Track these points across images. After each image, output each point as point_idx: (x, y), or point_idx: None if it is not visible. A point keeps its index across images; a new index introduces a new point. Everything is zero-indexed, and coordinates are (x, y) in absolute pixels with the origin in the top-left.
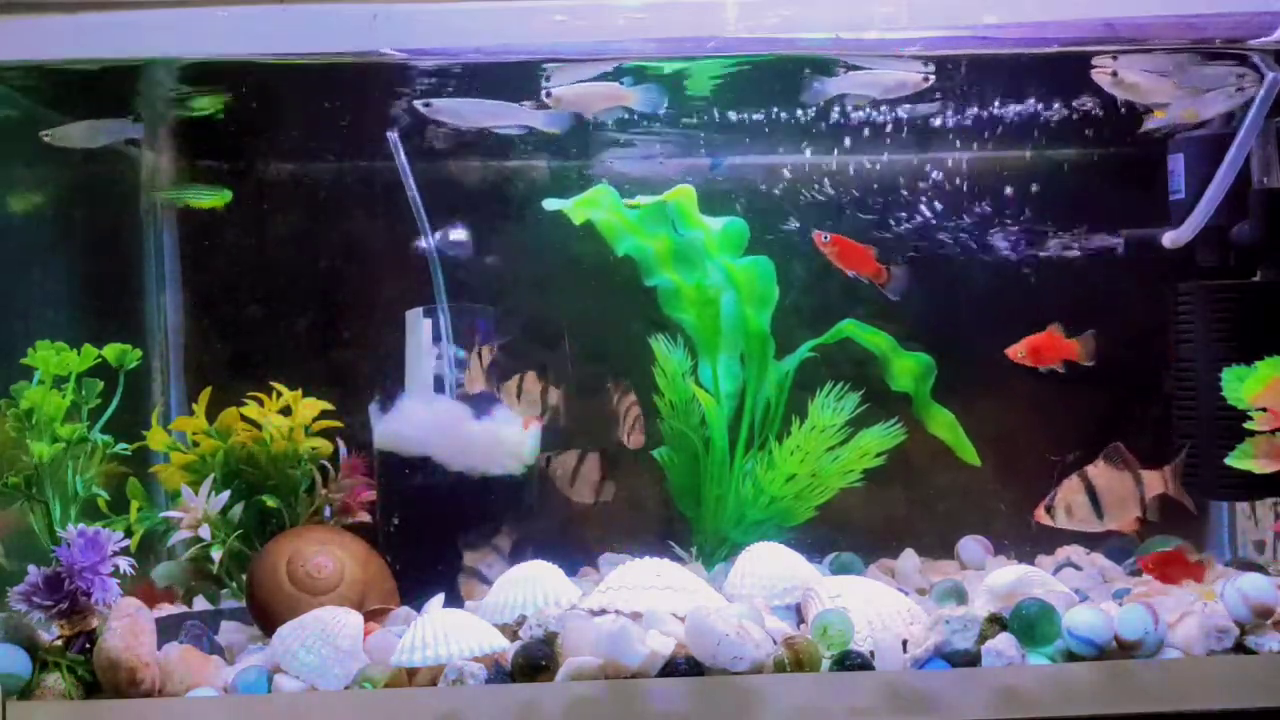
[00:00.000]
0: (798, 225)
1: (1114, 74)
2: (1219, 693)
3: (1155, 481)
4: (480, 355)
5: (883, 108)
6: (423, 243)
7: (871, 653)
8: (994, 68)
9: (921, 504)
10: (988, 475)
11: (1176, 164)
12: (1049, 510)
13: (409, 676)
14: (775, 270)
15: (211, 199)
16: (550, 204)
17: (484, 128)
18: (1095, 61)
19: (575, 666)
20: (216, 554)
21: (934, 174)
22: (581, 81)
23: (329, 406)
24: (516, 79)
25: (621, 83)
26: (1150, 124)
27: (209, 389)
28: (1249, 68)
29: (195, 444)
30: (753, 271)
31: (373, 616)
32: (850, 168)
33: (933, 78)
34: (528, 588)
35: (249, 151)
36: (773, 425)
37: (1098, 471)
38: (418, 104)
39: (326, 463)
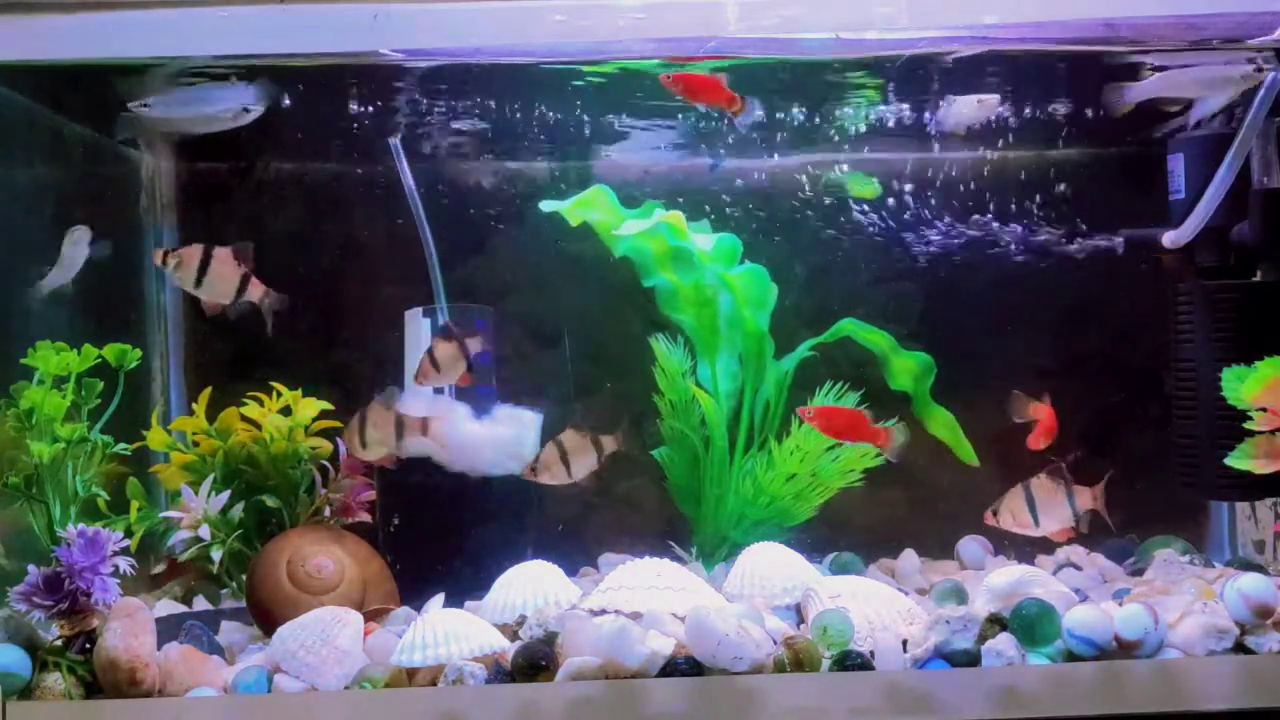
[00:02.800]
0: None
1: (1153, 69)
2: (1219, 693)
3: (1085, 497)
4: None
5: (881, 108)
6: (422, 243)
7: (871, 653)
8: (993, 68)
9: (921, 504)
10: (988, 475)
11: (1176, 164)
12: (995, 513)
13: (409, 676)
14: (770, 277)
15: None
16: (547, 205)
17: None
18: (1147, 60)
19: (575, 666)
20: (216, 554)
21: (933, 174)
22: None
23: (329, 406)
24: None
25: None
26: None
27: (209, 389)
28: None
29: (195, 444)
30: (749, 279)
31: (373, 616)
32: (850, 168)
33: (1267, 68)
34: (528, 588)
35: (249, 152)
36: (772, 425)
37: (1039, 484)
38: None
39: (326, 463)
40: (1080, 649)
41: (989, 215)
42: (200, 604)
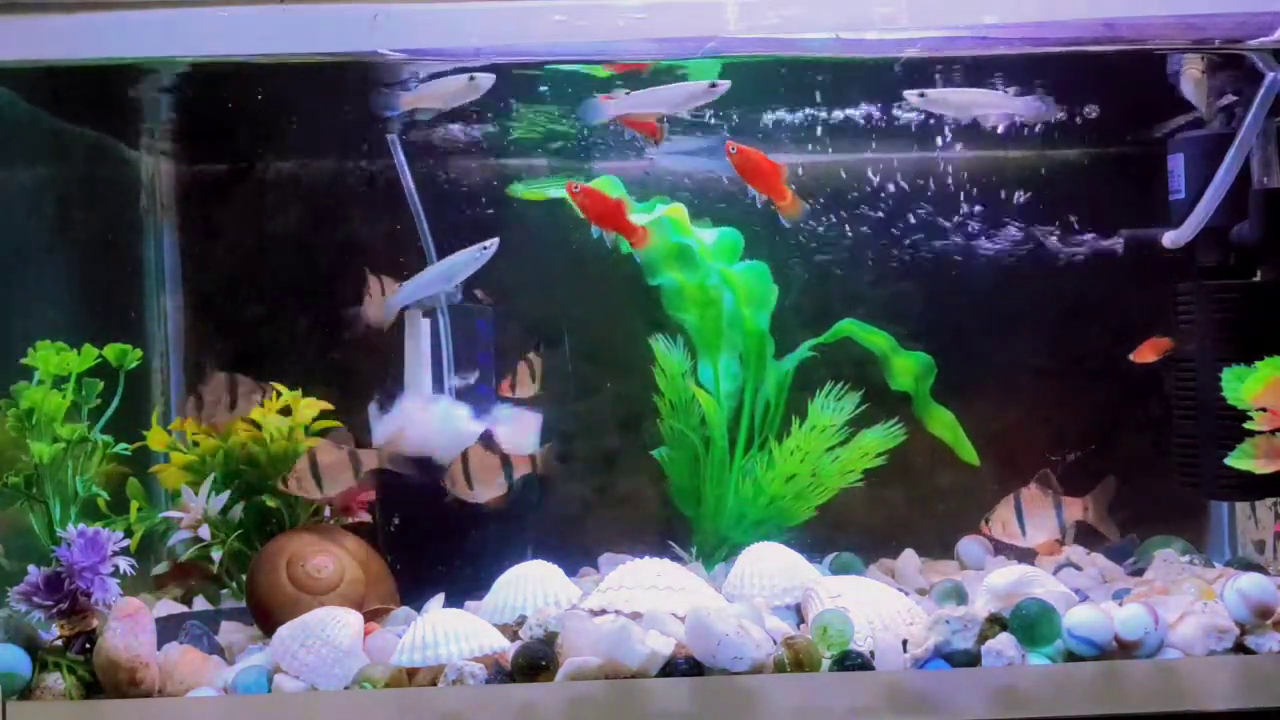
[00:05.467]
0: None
1: (1202, 71)
2: (1219, 693)
3: (1075, 508)
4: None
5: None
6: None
7: (871, 653)
8: (991, 68)
9: (921, 504)
10: (988, 475)
11: (1176, 164)
12: (989, 523)
13: (409, 676)
14: (771, 274)
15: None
16: (515, 190)
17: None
18: (1186, 59)
19: (575, 666)
20: (216, 554)
21: (933, 174)
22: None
23: (329, 406)
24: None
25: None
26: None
27: None
28: (1248, 68)
29: (195, 444)
30: (749, 276)
31: (373, 616)
32: (849, 167)
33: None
34: (528, 588)
35: (249, 152)
36: (772, 425)
37: (1028, 494)
38: (911, 94)
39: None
40: (1080, 649)
41: (988, 215)
42: (200, 604)
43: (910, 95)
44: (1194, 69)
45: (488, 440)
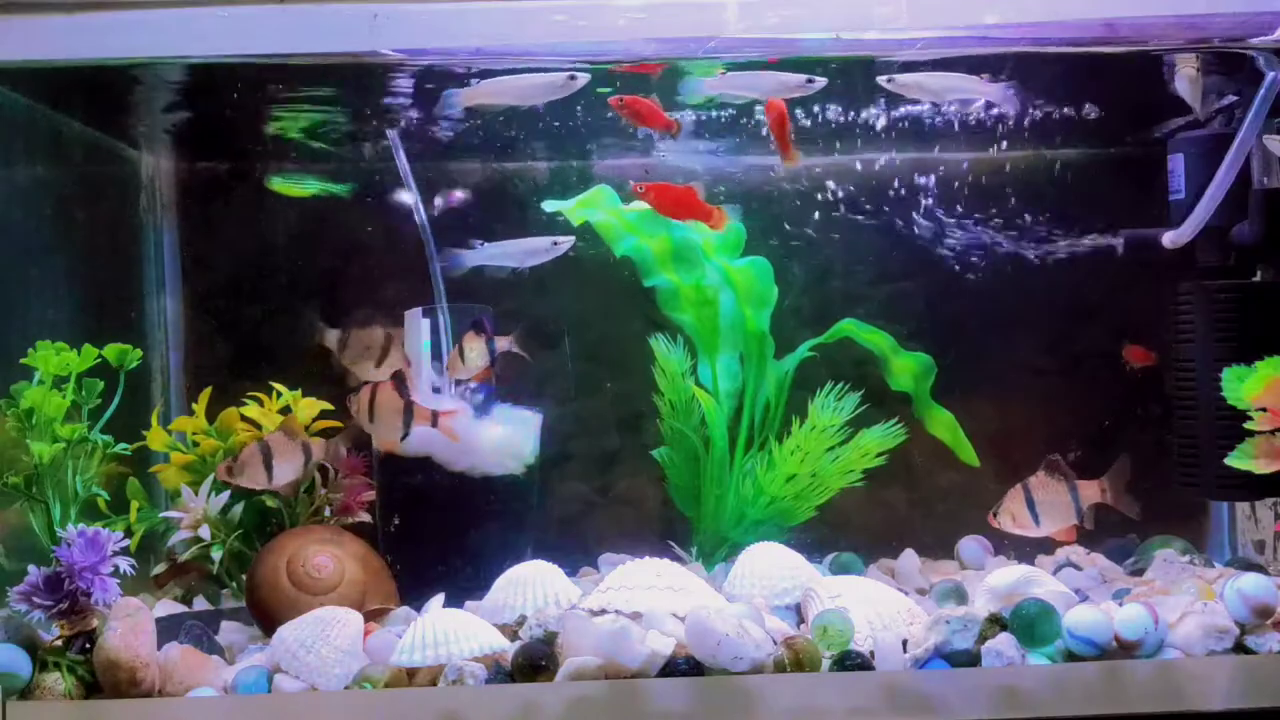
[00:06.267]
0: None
1: (1197, 69)
2: (1219, 693)
3: (1091, 491)
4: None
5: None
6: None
7: (871, 653)
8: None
9: (921, 504)
10: (988, 475)
11: (1176, 164)
12: (996, 516)
13: (409, 676)
14: (773, 270)
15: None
16: (550, 205)
17: None
18: (1180, 59)
19: (575, 666)
20: (216, 554)
21: (932, 174)
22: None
23: (329, 406)
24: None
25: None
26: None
27: (209, 389)
28: (1248, 67)
29: (195, 444)
30: (750, 272)
31: (373, 616)
32: (846, 168)
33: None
34: (528, 588)
35: (248, 152)
36: (772, 425)
37: (1037, 482)
38: (882, 79)
39: (327, 463)
40: (1080, 649)
41: (988, 216)
42: (200, 604)
43: (881, 80)
44: (1189, 67)
45: (399, 381)
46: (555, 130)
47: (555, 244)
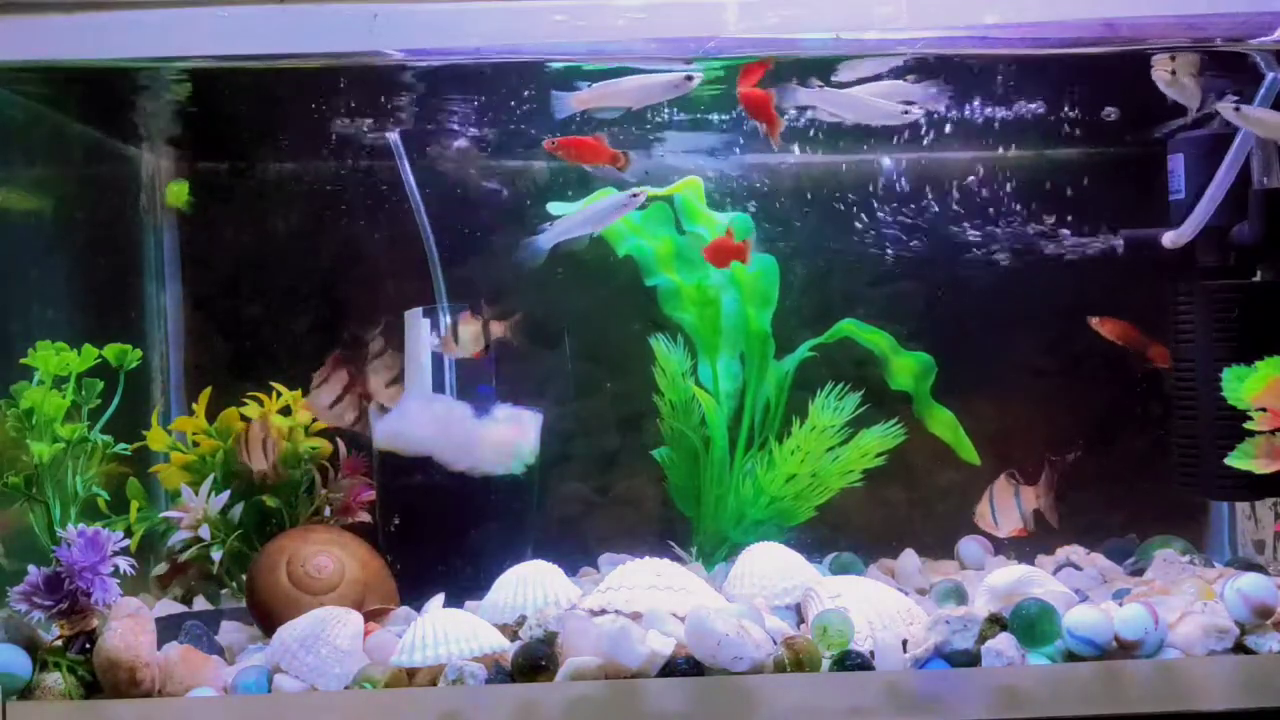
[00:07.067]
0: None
1: (1173, 73)
2: (1219, 693)
3: (1029, 496)
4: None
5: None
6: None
7: (871, 653)
8: (989, 67)
9: (921, 504)
10: (988, 475)
11: (1176, 164)
12: (975, 514)
13: (409, 676)
14: (777, 270)
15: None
16: (555, 208)
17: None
18: (1155, 60)
19: (575, 666)
20: (216, 554)
21: (932, 175)
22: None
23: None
24: None
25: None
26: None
27: (209, 389)
28: (1249, 68)
29: (195, 444)
30: (756, 270)
31: (373, 616)
32: (846, 168)
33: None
34: (528, 588)
35: (248, 151)
36: (773, 425)
37: (999, 486)
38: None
39: (326, 463)
40: (1080, 649)
41: (988, 216)
42: (200, 604)
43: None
44: (1164, 70)
45: (346, 362)
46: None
47: (634, 196)
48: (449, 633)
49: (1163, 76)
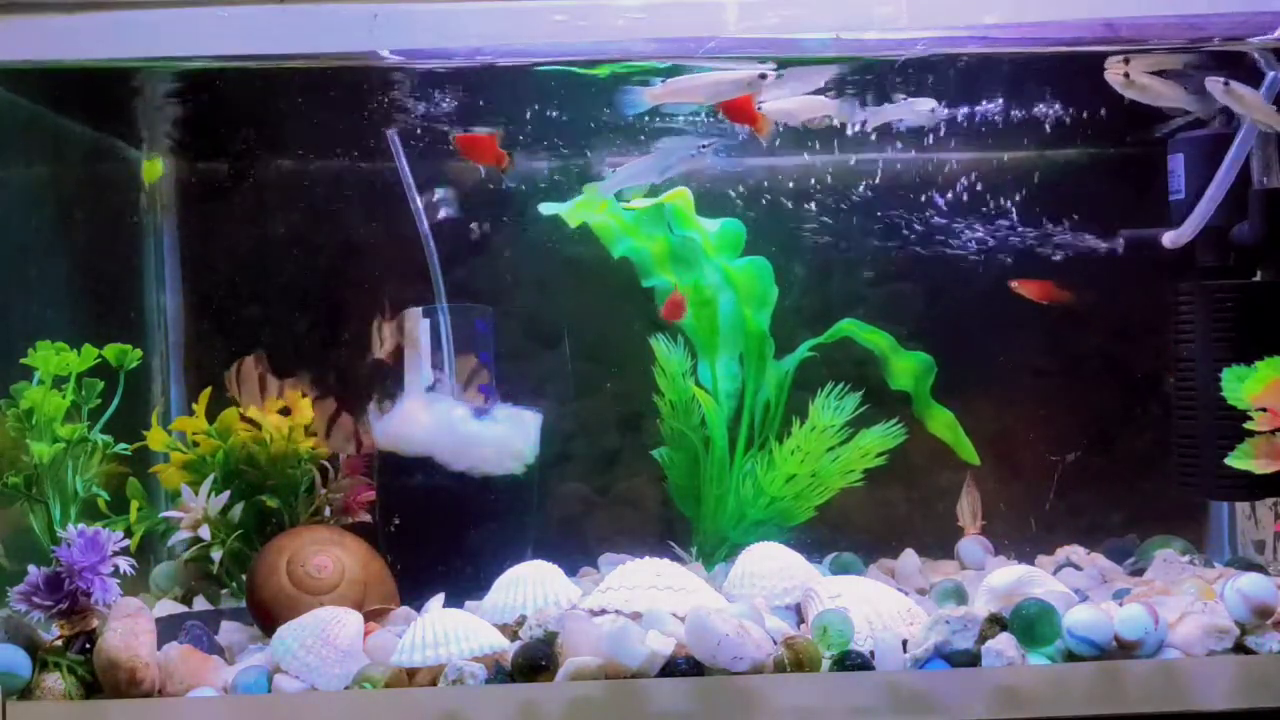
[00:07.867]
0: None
1: (1126, 75)
2: (1219, 693)
3: (966, 499)
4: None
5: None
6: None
7: (871, 653)
8: (989, 67)
9: (921, 504)
10: (988, 475)
11: (1176, 164)
12: (958, 515)
13: (409, 676)
14: (773, 270)
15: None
16: (547, 208)
17: None
18: (1107, 63)
19: (575, 666)
20: (216, 554)
21: (932, 174)
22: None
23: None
24: None
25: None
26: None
27: (209, 389)
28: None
29: (195, 444)
30: (750, 272)
31: (373, 616)
32: (846, 167)
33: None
34: (528, 588)
35: (248, 151)
36: (772, 425)
37: (966, 489)
38: None
39: (326, 463)
40: (1080, 649)
41: (988, 216)
42: (200, 604)
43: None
44: (1116, 73)
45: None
46: (560, 129)
47: (703, 147)
48: (449, 633)
49: (1116, 79)
